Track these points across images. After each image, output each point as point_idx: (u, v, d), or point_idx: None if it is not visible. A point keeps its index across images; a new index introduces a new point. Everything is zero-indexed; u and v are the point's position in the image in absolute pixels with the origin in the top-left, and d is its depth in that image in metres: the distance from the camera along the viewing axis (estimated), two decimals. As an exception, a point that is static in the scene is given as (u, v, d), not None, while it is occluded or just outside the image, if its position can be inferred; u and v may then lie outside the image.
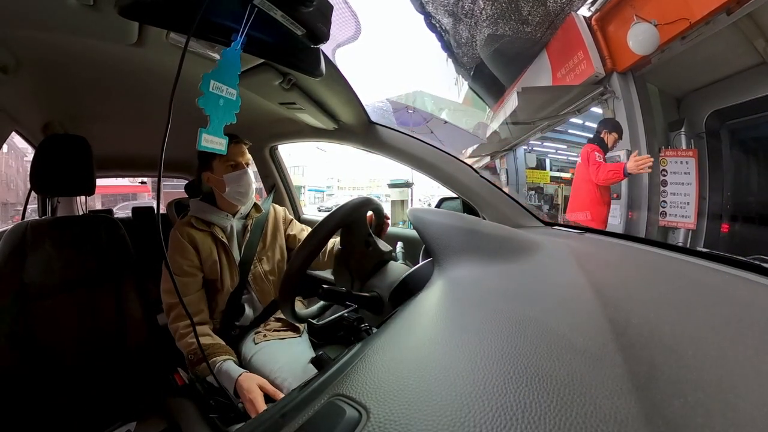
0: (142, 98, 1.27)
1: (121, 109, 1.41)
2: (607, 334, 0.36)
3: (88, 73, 1.06)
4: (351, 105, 1.23)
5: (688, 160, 4.00)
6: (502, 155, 7.04)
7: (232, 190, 1.22)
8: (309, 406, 0.34)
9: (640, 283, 0.56)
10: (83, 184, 1.19)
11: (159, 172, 0.53)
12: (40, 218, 1.35)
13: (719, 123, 4.04)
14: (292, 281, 0.73)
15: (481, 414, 0.26)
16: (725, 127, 4.07)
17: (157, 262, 1.11)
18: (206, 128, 0.48)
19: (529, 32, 5.13)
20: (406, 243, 1.45)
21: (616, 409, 0.26)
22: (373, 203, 0.88)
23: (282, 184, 2.11)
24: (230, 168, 1.21)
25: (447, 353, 0.35)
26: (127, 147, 1.90)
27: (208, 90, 0.47)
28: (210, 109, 0.48)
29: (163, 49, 0.85)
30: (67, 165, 1.15)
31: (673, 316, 0.41)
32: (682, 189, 4.00)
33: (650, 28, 3.73)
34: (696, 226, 3.88)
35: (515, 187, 6.60)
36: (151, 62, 0.97)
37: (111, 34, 0.77)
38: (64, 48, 0.90)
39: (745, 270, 0.62)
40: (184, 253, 1.17)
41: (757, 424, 0.25)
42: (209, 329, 1.15)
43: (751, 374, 0.31)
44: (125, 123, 1.58)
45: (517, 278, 0.58)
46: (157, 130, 1.58)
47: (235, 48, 0.49)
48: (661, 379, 0.30)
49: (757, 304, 0.47)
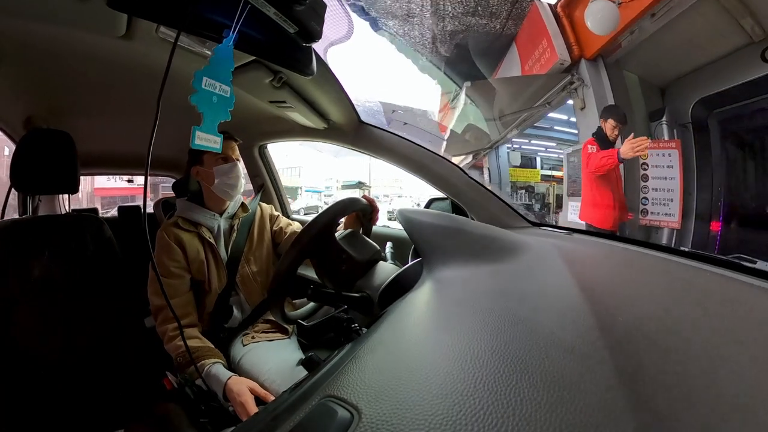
0: (130, 93, 1.24)
1: (108, 104, 1.38)
2: (595, 332, 0.37)
3: (73, 65, 1.03)
4: (341, 104, 1.23)
5: (670, 152, 3.64)
6: (483, 154, 6.83)
7: (221, 182, 1.20)
8: (300, 408, 0.34)
9: (626, 282, 0.57)
10: (66, 181, 1.15)
11: (146, 170, 0.53)
12: (20, 217, 1.32)
13: (707, 112, 3.70)
14: (281, 282, 0.73)
15: (473, 412, 0.27)
16: (714, 116, 3.71)
17: (144, 262, 1.08)
18: (200, 126, 0.47)
19: (498, 25, 5.01)
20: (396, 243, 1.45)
21: (605, 404, 0.27)
22: (359, 203, 0.88)
23: (271, 184, 2.09)
24: (220, 161, 1.21)
25: (437, 352, 0.36)
26: (113, 143, 1.85)
27: (201, 87, 0.46)
28: (203, 106, 0.47)
29: (152, 44, 0.84)
30: (49, 161, 1.12)
31: (657, 313, 0.42)
32: (665, 184, 3.65)
33: (609, 5, 3.48)
34: (681, 226, 3.59)
35: (498, 186, 6.38)
36: (139, 56, 0.95)
37: (98, 25, 0.76)
38: (49, 39, 0.87)
39: (726, 268, 0.64)
40: (171, 254, 1.15)
41: (741, 413, 0.26)
42: (198, 332, 1.13)
43: (734, 366, 0.32)
44: (111, 118, 1.55)
45: (505, 278, 0.59)
46: (144, 127, 1.55)
47: (228, 44, 0.48)
48: (648, 374, 0.31)
49: (737, 300, 0.49)
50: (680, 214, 3.57)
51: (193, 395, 0.97)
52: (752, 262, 0.65)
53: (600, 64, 4.07)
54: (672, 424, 0.25)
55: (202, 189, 1.26)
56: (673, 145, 3.65)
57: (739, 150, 3.71)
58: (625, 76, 4.08)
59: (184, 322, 1.11)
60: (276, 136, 1.83)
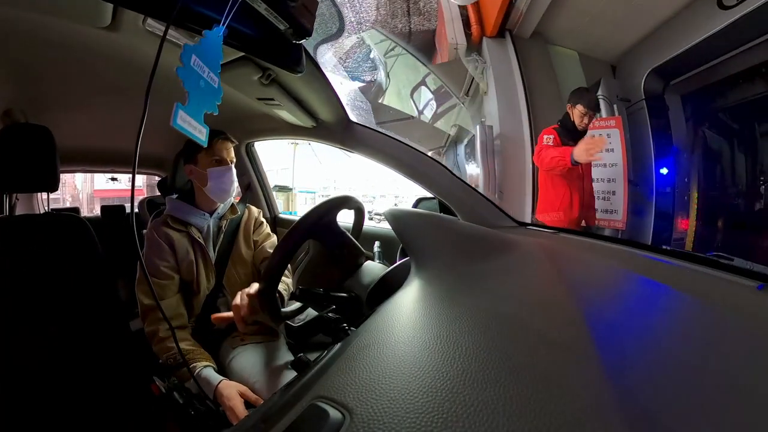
0: (114, 87, 1.21)
1: (91, 97, 1.34)
2: (581, 328, 0.38)
3: (54, 56, 1.00)
4: (330, 103, 1.22)
5: (610, 132, 2.90)
6: (440, 151, 6.17)
7: (214, 186, 1.19)
8: (291, 409, 0.34)
9: (610, 279, 0.59)
10: (45, 179, 1.10)
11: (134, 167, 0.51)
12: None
13: (662, 84, 3.10)
14: (273, 278, 0.72)
15: (464, 408, 0.27)
16: (672, 89, 3.09)
17: (129, 263, 1.05)
18: (184, 105, 0.44)
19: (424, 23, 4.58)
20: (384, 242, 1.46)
21: (593, 398, 0.27)
22: (353, 201, 0.88)
23: (258, 183, 2.07)
24: (214, 163, 1.19)
25: (426, 350, 0.36)
26: (96, 139, 1.80)
27: (189, 63, 0.44)
28: (189, 85, 0.44)
29: (138, 36, 0.81)
30: (27, 158, 1.07)
31: (641, 308, 0.43)
32: (605, 173, 2.94)
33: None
34: (626, 225, 2.92)
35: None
36: (124, 49, 0.92)
37: (81, 14, 0.73)
38: (28, 27, 0.84)
39: (705, 266, 0.66)
40: (161, 254, 1.13)
41: (722, 401, 0.28)
42: (188, 334, 1.11)
43: (715, 357, 0.33)
44: (94, 113, 1.50)
45: (493, 276, 0.59)
46: (129, 123, 1.53)
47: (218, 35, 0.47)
48: (634, 367, 0.31)
49: (716, 295, 0.51)
50: (625, 210, 2.91)
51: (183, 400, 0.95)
52: (729, 259, 0.67)
53: (507, 41, 3.49)
54: (656, 416, 0.26)
55: (194, 188, 1.24)
56: (613, 123, 2.93)
57: (711, 129, 3.12)
58: (559, 52, 3.55)
59: (175, 324, 1.08)
60: (264, 134, 1.81)
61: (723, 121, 3.11)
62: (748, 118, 2.99)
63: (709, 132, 3.16)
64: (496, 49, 3.49)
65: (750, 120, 2.99)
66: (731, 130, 3.10)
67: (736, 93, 2.94)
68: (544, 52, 3.50)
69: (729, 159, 3.13)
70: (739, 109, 2.99)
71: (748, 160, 3.06)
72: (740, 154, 3.10)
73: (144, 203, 1.78)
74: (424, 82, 5.10)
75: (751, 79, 2.79)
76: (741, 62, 2.72)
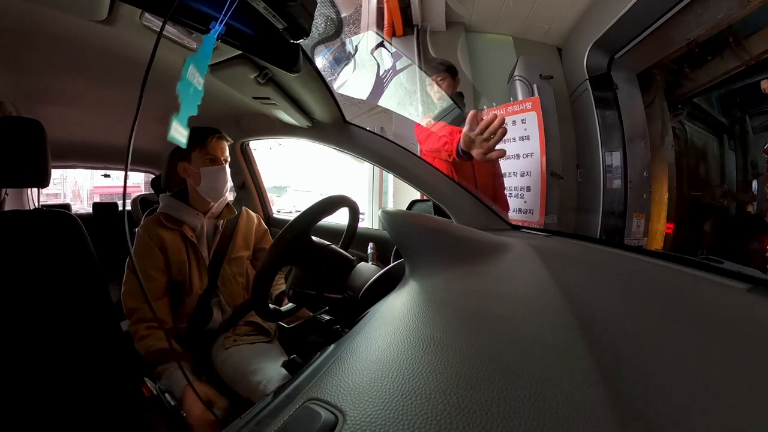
0: (108, 82, 1.19)
1: (84, 92, 1.32)
2: (575, 330, 0.38)
3: (48, 49, 0.98)
4: (326, 103, 1.22)
5: (525, 116, 2.48)
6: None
7: (206, 185, 1.18)
8: (283, 411, 0.33)
9: (603, 281, 0.60)
10: (35, 174, 1.08)
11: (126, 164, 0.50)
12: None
13: (606, 58, 2.65)
14: (267, 276, 0.71)
15: (457, 410, 0.27)
16: (619, 64, 2.63)
17: (121, 262, 1.03)
18: (177, 114, 0.44)
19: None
20: (378, 244, 1.46)
21: (586, 398, 0.28)
22: (348, 201, 0.88)
23: (252, 183, 2.06)
24: (208, 162, 1.18)
25: (420, 352, 0.36)
26: (88, 134, 1.78)
27: (186, 75, 0.44)
28: (183, 96, 0.44)
29: (135, 31, 0.80)
30: (16, 152, 1.04)
31: (634, 310, 0.44)
32: (518, 165, 2.51)
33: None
34: (544, 227, 2.40)
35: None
36: (120, 44, 0.91)
37: (77, 6, 0.72)
38: (20, 17, 0.82)
39: (695, 268, 0.67)
40: (148, 255, 1.12)
41: (715, 404, 0.28)
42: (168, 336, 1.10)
43: (704, 359, 0.34)
44: (88, 108, 1.48)
45: (487, 278, 0.60)
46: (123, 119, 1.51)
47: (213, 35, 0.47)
48: (626, 368, 0.32)
49: (705, 298, 0.52)
50: (543, 209, 2.49)
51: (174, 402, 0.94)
52: (719, 262, 0.68)
53: (413, 36, 3.36)
54: (649, 416, 0.26)
55: (188, 187, 1.23)
56: (529, 105, 2.47)
57: (674, 111, 2.70)
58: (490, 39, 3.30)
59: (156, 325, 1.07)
60: (258, 134, 1.80)
61: (691, 103, 2.69)
62: (717, 100, 2.69)
63: (673, 115, 2.74)
64: (403, 47, 3.37)
65: (719, 103, 2.67)
66: (700, 113, 2.73)
67: (698, 70, 2.62)
68: (461, 41, 3.26)
69: (698, 143, 2.73)
70: (706, 90, 2.65)
71: (721, 149, 2.77)
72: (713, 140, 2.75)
73: (137, 201, 1.76)
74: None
75: (717, 53, 2.53)
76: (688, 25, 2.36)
